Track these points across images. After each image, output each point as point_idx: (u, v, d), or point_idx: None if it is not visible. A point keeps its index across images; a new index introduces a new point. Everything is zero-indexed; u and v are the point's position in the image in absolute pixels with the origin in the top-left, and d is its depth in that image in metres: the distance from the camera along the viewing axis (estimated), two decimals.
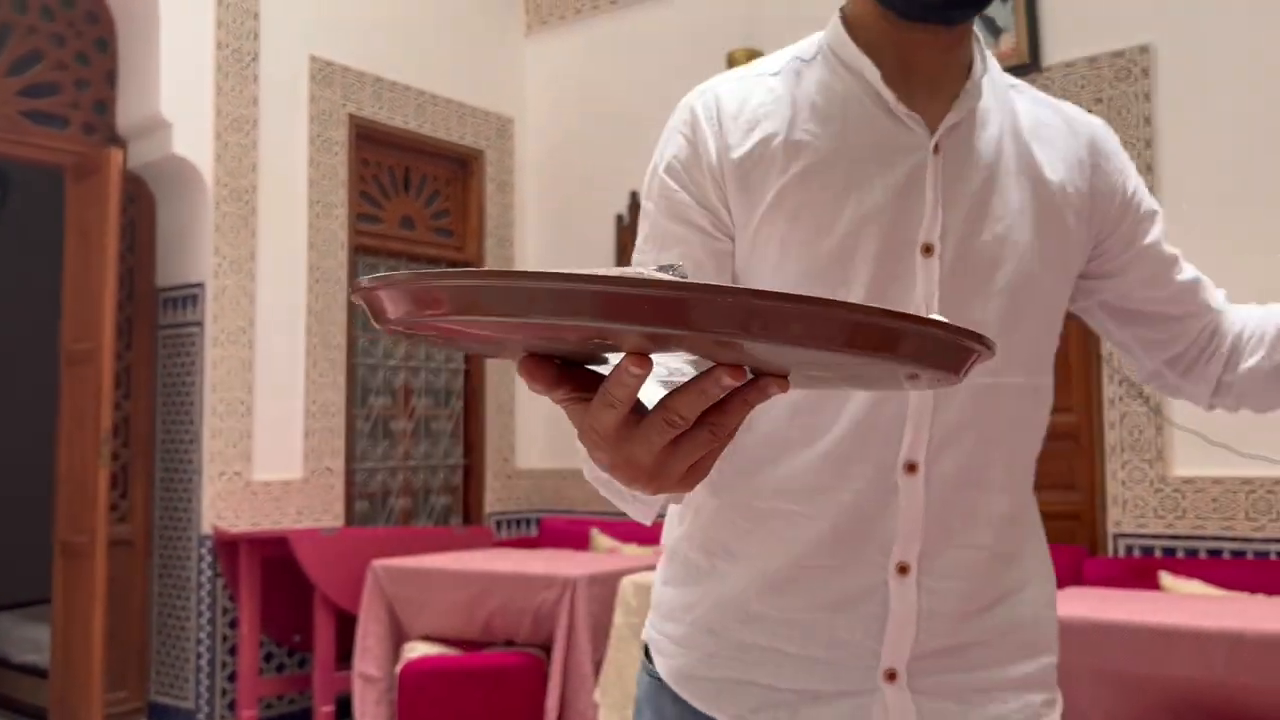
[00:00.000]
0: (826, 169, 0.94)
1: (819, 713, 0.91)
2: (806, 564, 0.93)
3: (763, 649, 0.93)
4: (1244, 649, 2.30)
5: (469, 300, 0.51)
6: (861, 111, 0.96)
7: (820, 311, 0.50)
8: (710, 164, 0.97)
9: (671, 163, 0.98)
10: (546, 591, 3.34)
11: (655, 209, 0.98)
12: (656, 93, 4.88)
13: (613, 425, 0.56)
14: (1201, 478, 3.50)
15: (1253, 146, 3.46)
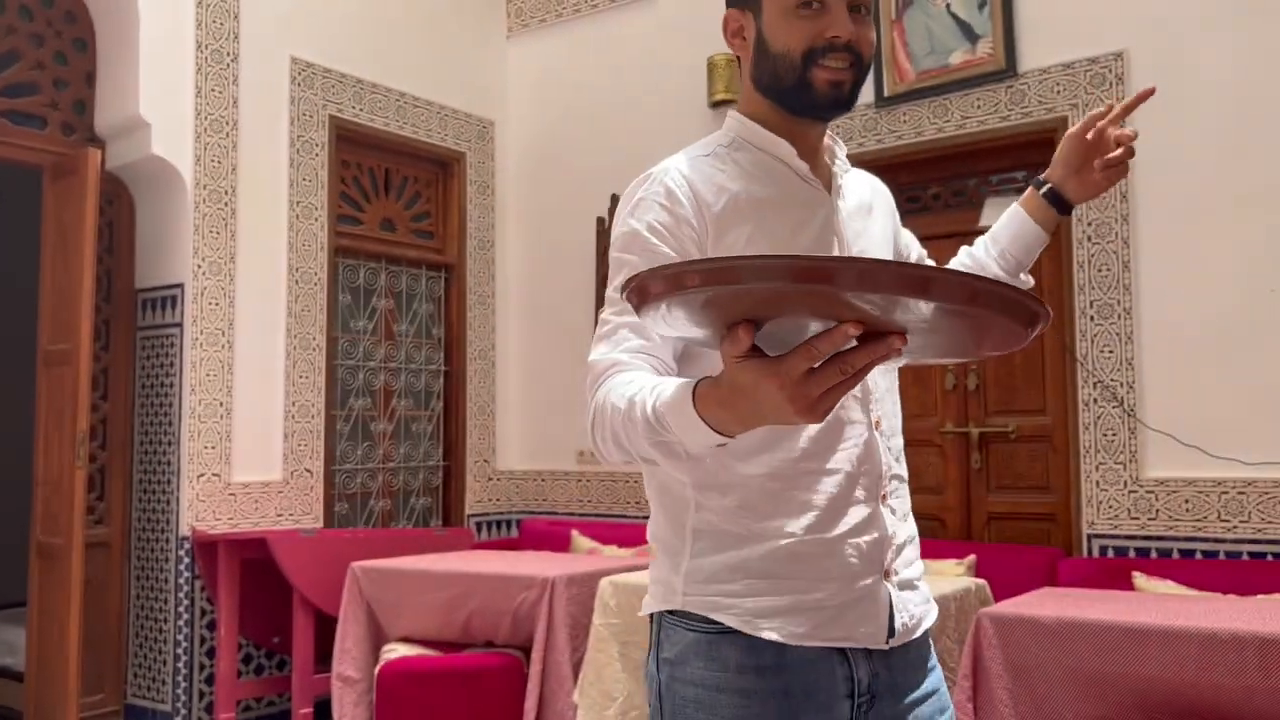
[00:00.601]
0: (776, 217, 1.27)
1: (854, 611, 1.21)
2: (830, 507, 1.21)
3: (811, 578, 1.19)
4: (1215, 648, 2.33)
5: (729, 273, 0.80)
6: (786, 177, 1.32)
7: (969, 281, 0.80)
8: (691, 224, 1.24)
9: (654, 225, 1.24)
10: (525, 592, 3.34)
11: (639, 260, 1.20)
12: (637, 96, 4.91)
13: (801, 370, 0.86)
14: (1174, 479, 3.54)
15: (1225, 152, 3.51)
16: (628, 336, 1.19)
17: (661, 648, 1.23)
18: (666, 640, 1.23)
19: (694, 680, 1.19)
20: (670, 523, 1.26)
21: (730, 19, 1.38)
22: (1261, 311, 3.40)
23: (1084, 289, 3.73)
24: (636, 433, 1.06)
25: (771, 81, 1.32)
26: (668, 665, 1.22)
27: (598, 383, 1.17)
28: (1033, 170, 4.03)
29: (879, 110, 4.20)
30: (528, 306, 5.27)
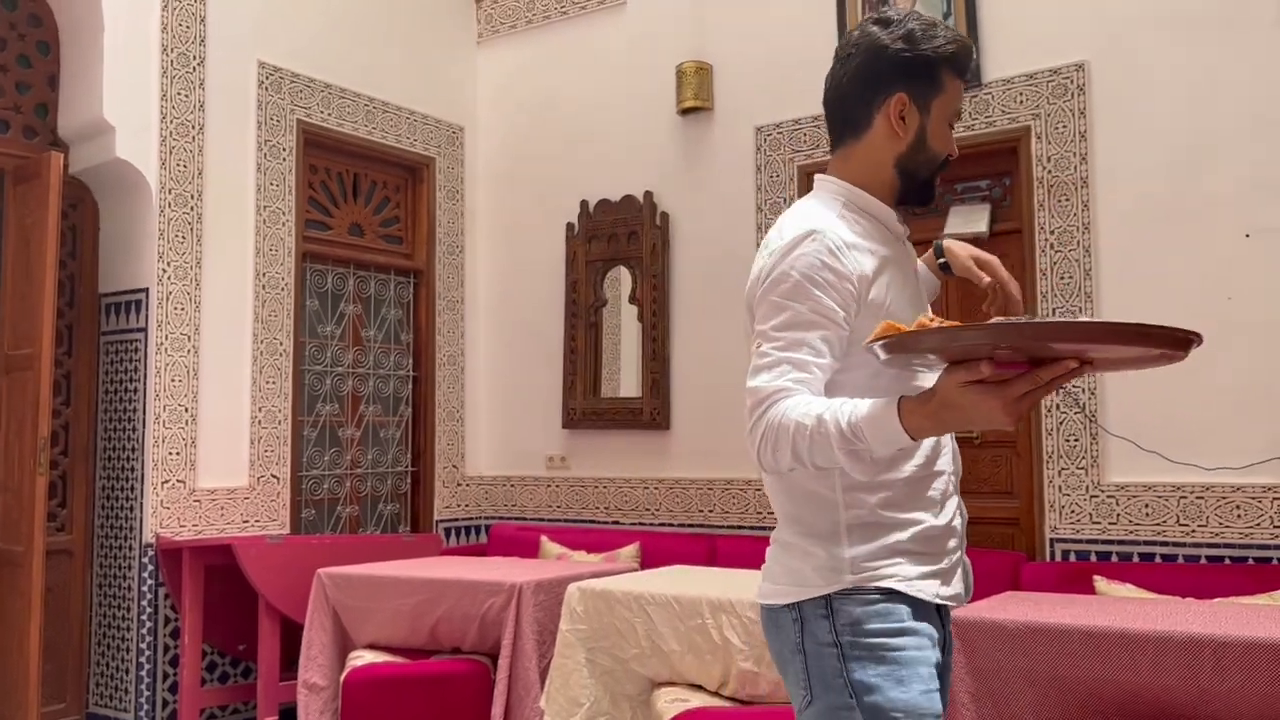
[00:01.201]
0: (895, 270, 1.54)
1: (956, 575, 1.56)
2: (942, 500, 1.56)
3: (937, 553, 1.52)
4: (1170, 652, 2.37)
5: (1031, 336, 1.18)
6: (888, 237, 1.58)
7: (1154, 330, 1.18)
8: (850, 279, 1.46)
9: (817, 279, 1.44)
10: (492, 599, 3.34)
11: (804, 308, 1.43)
12: (607, 103, 4.93)
13: (1022, 391, 1.21)
14: (1134, 484, 3.59)
15: (1184, 162, 3.57)
16: (788, 370, 1.42)
17: (837, 617, 1.47)
18: (840, 612, 1.47)
19: (876, 633, 1.46)
20: (822, 522, 1.51)
21: (899, 103, 1.54)
22: (1218, 319, 3.46)
23: (1047, 296, 3.78)
24: (827, 443, 1.33)
25: (914, 170, 1.58)
26: (848, 629, 1.47)
27: (765, 405, 1.40)
28: (996, 179, 4.08)
29: None
30: (497, 312, 5.27)
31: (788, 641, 1.51)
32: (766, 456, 1.40)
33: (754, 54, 4.52)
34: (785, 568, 1.53)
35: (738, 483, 4.44)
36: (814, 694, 1.47)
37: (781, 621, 1.52)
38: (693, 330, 4.61)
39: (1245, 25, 3.47)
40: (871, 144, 1.56)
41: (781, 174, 4.41)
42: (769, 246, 1.51)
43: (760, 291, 1.48)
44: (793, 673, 1.51)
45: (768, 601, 1.55)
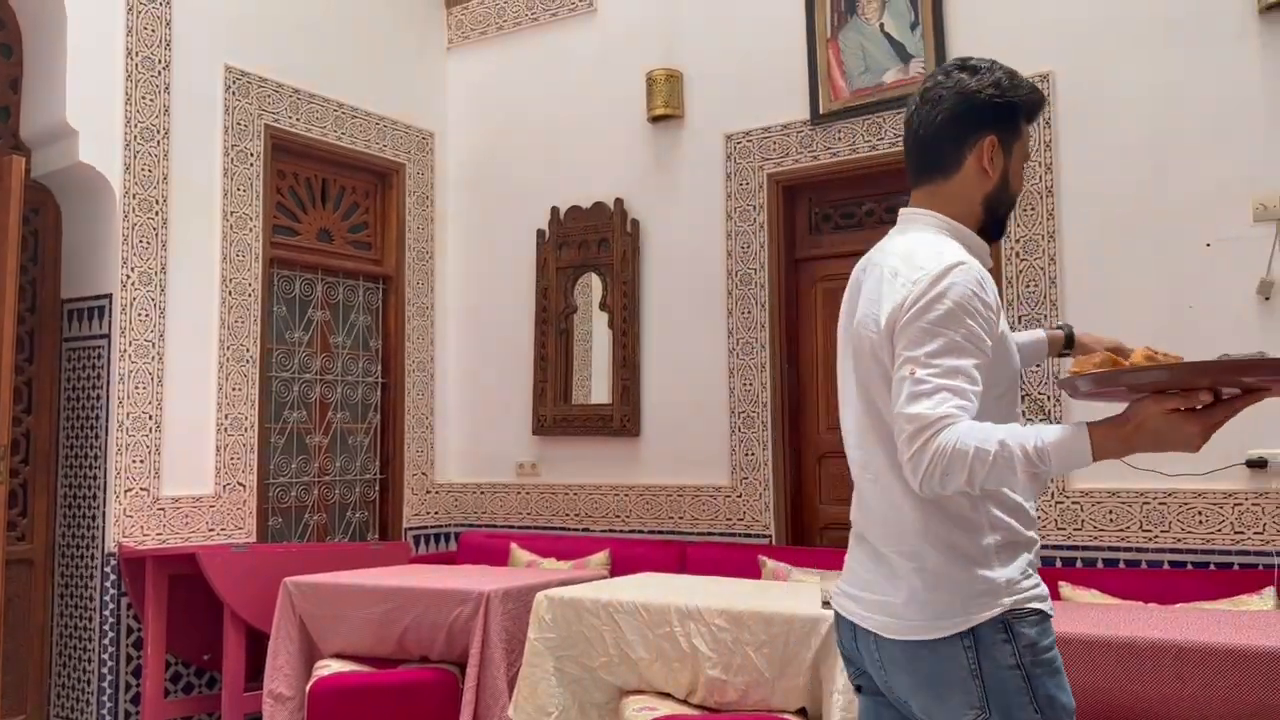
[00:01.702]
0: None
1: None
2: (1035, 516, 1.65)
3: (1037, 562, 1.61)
4: (1133, 657, 2.39)
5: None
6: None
7: None
8: (992, 309, 1.54)
9: (968, 306, 1.50)
10: (461, 607, 3.33)
11: (958, 336, 1.49)
12: (577, 110, 4.93)
13: (1222, 419, 1.37)
14: (1098, 490, 3.63)
15: (1147, 172, 3.61)
16: (949, 397, 1.45)
17: (1018, 640, 1.52)
18: (1020, 635, 1.52)
19: (1046, 649, 1.54)
20: (971, 544, 1.54)
21: (990, 145, 1.65)
22: (1179, 327, 3.51)
23: (1013, 304, 3.82)
24: (1010, 467, 1.40)
25: (996, 207, 1.68)
26: (1029, 651, 1.52)
27: (931, 431, 1.44)
28: None
29: (814, 127, 4.27)
30: (467, 318, 5.25)
31: (955, 668, 1.52)
32: (934, 480, 1.44)
33: (724, 62, 4.53)
34: (935, 598, 1.54)
35: (708, 489, 4.44)
36: (992, 712, 1.52)
37: (943, 650, 1.53)
38: (663, 337, 4.62)
39: (1209, 38, 3.52)
40: (962, 182, 1.66)
41: (751, 182, 4.42)
42: (901, 275, 1.55)
43: (906, 318, 1.51)
44: (960, 696, 1.53)
45: (925, 636, 1.53)
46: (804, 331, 4.43)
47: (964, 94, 1.64)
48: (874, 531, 1.64)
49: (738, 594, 3.11)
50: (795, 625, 2.79)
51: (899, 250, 1.61)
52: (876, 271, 1.62)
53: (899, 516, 1.58)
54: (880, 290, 1.58)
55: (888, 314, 1.55)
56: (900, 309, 1.53)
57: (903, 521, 1.58)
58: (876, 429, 1.61)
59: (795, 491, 4.37)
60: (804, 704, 2.80)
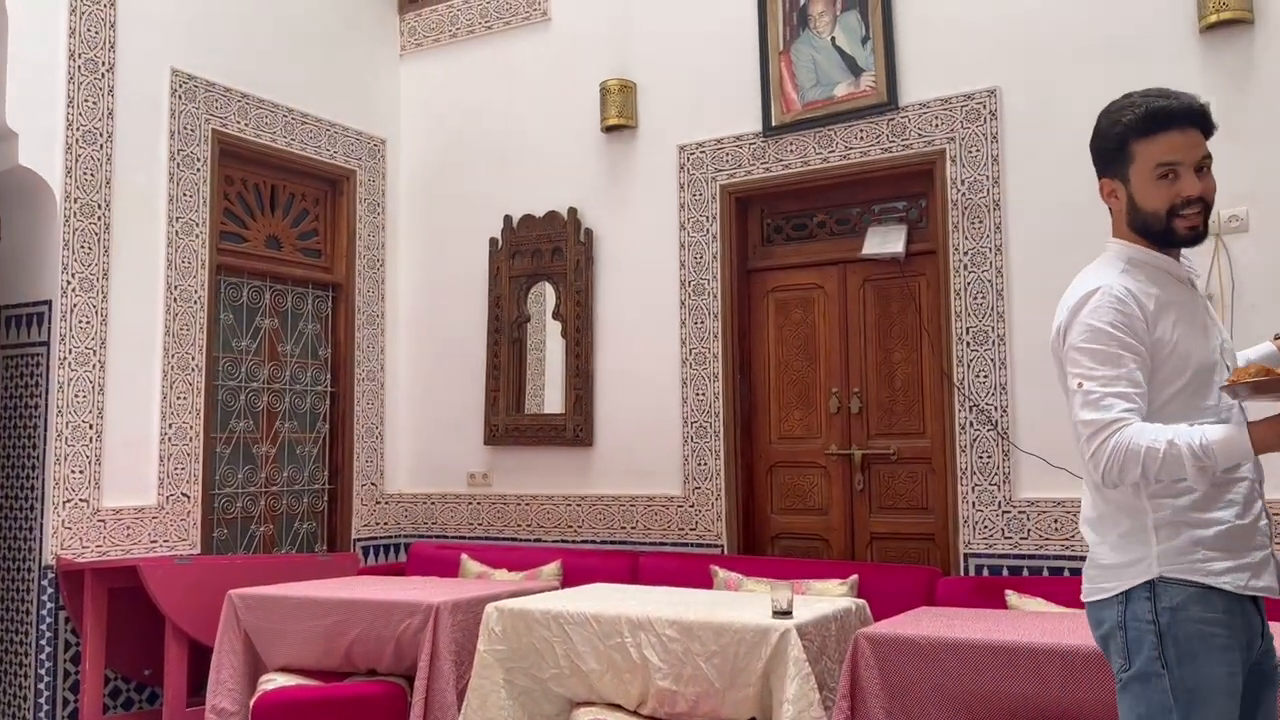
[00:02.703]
0: (1181, 311, 1.80)
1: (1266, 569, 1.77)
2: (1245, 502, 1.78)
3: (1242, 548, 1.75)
4: (1077, 665, 2.43)
5: None
6: (1172, 282, 1.83)
7: None
8: (1139, 318, 1.76)
9: (1114, 323, 1.74)
10: (409, 619, 3.29)
11: (1111, 348, 1.73)
12: (531, 118, 4.92)
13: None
14: (1044, 499, 3.68)
15: (1089, 187, 3.67)
16: (1117, 402, 1.72)
17: (1159, 599, 1.73)
18: (1162, 595, 1.73)
19: (1194, 619, 1.71)
20: (1132, 524, 1.79)
21: (1105, 185, 1.91)
22: None
23: (961, 316, 3.87)
24: (1179, 462, 1.65)
25: (1143, 229, 1.85)
26: (1168, 612, 1.72)
27: (1107, 433, 1.71)
28: (913, 200, 4.17)
29: (766, 139, 4.30)
30: (419, 327, 5.20)
31: (1111, 622, 1.80)
32: (1113, 474, 1.71)
33: (678, 74, 4.55)
34: (1105, 569, 1.82)
35: (660, 499, 4.44)
36: (1132, 663, 1.75)
37: (1106, 610, 1.81)
38: (617, 347, 4.61)
39: (1151, 56, 3.60)
40: (1115, 215, 1.92)
41: (704, 193, 4.44)
42: (1063, 303, 1.84)
43: (1065, 343, 1.80)
44: (1115, 647, 1.79)
45: (1094, 598, 1.84)
46: (756, 342, 4.45)
47: (1105, 124, 1.91)
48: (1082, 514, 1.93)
49: (689, 604, 3.11)
50: (746, 635, 2.79)
51: (1077, 277, 1.89)
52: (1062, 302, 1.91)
53: (1089, 498, 1.88)
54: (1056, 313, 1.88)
55: (1053, 337, 1.86)
56: (1059, 335, 1.84)
57: (1090, 504, 1.88)
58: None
59: (747, 501, 4.38)
60: (754, 714, 2.81)
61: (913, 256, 4.10)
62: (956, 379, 3.85)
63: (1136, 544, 1.78)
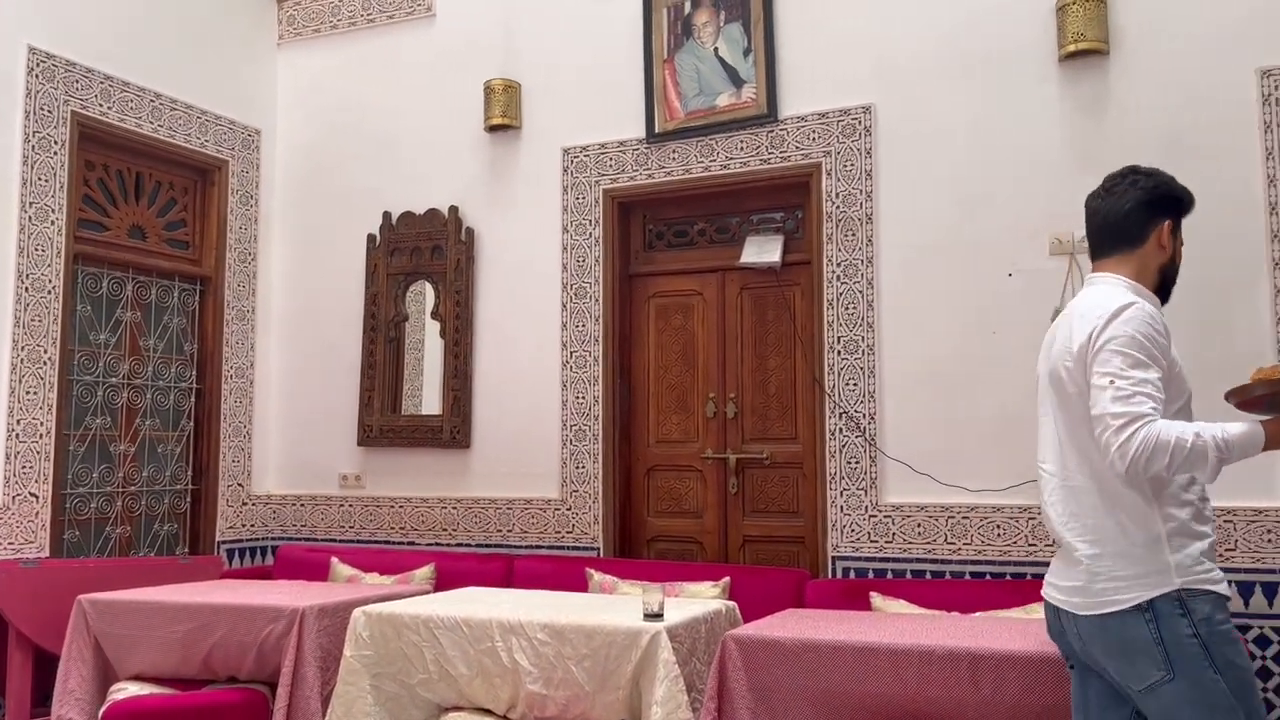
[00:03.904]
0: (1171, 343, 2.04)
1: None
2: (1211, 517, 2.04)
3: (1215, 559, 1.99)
4: (932, 664, 2.52)
5: None
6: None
7: None
8: (1164, 343, 2.00)
9: (1147, 334, 1.97)
10: (272, 624, 3.19)
11: (1141, 355, 1.94)
12: (413, 115, 4.84)
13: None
14: (908, 504, 3.81)
15: (957, 203, 3.83)
16: (1144, 400, 1.89)
17: (1194, 612, 1.91)
18: (1195, 610, 1.91)
19: (1222, 622, 1.92)
20: (1144, 534, 1.96)
21: (1167, 228, 2.14)
22: (986, 351, 3.73)
23: (833, 325, 3.97)
24: (1204, 455, 1.86)
25: (1168, 276, 2.17)
26: (1205, 623, 1.90)
27: (1138, 425, 1.87)
28: (789, 211, 4.26)
29: (650, 145, 4.33)
30: (291, 324, 5.05)
31: (1140, 636, 1.93)
32: (1140, 464, 1.87)
33: (563, 76, 4.55)
34: (1119, 580, 1.96)
35: (537, 502, 4.42)
36: (1176, 672, 1.90)
37: (1130, 621, 1.94)
38: (496, 348, 4.58)
39: (1015, 81, 3.77)
40: (1145, 254, 2.13)
41: (587, 196, 4.45)
42: (1088, 316, 2.02)
43: (1097, 345, 1.97)
44: (1146, 659, 1.92)
45: (1109, 610, 1.96)
46: (637, 346, 4.48)
47: (1147, 188, 2.14)
48: (1064, 530, 2.06)
49: (561, 607, 3.10)
50: (617, 638, 2.80)
51: (1088, 299, 2.08)
52: (1067, 320, 2.09)
53: (1087, 513, 2.02)
54: (1071, 330, 2.04)
55: (1079, 345, 2.00)
56: (1090, 340, 1.98)
57: (1090, 517, 2.01)
58: (1074, 440, 2.05)
59: (624, 504, 4.40)
60: (624, 716, 2.82)
61: (789, 266, 4.19)
62: (827, 386, 3.95)
63: (1152, 555, 1.94)
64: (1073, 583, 2.03)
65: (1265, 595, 3.32)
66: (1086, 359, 1.98)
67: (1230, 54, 3.48)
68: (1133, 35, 3.61)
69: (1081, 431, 2.02)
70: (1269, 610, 3.32)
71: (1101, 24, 3.60)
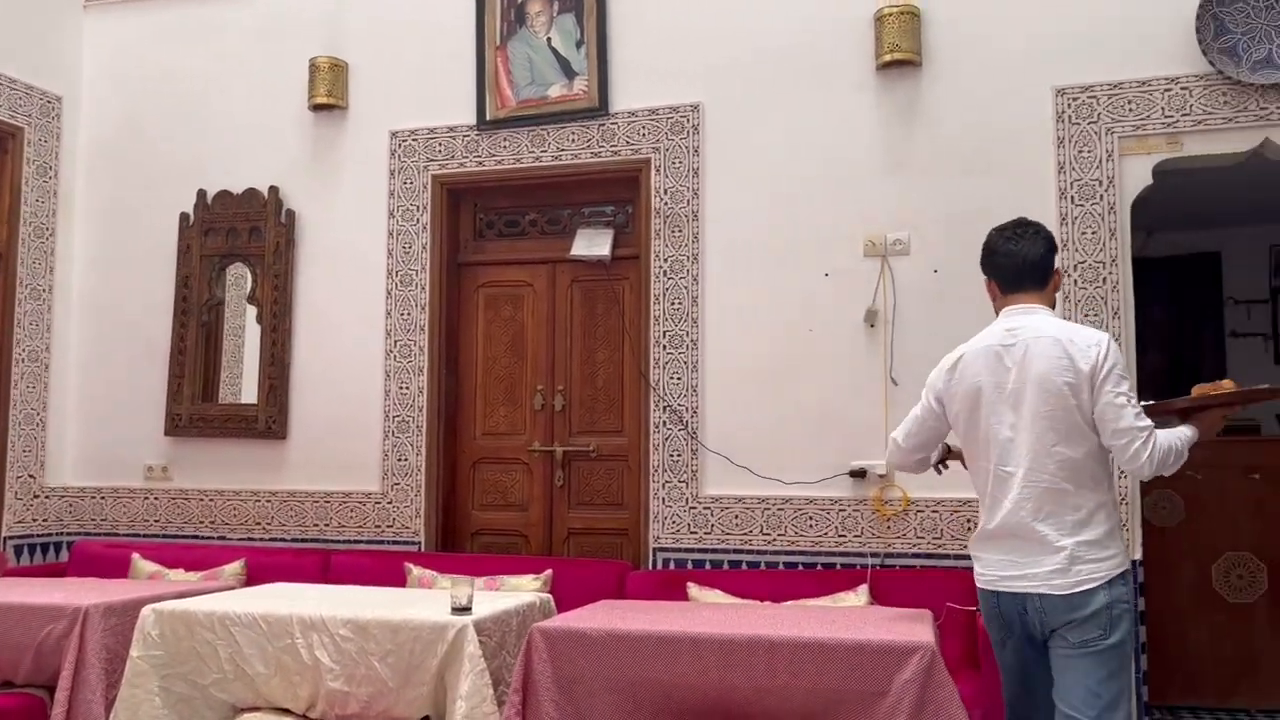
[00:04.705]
0: None
1: None
2: None
3: None
4: (733, 652, 2.56)
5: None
6: None
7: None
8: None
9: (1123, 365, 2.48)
10: (53, 624, 2.99)
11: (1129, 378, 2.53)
12: (233, 89, 4.63)
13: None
14: (727, 496, 3.88)
15: (778, 203, 3.92)
16: (1144, 415, 2.37)
17: (1127, 586, 2.38)
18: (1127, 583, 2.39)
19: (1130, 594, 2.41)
20: (1110, 525, 2.40)
21: (1060, 274, 2.85)
22: (802, 349, 3.83)
23: (659, 320, 4.00)
24: (1181, 454, 2.39)
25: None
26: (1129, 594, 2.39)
27: (1152, 434, 2.35)
28: (619, 206, 4.27)
29: (481, 133, 4.26)
30: (94, 304, 4.74)
31: (1098, 604, 2.33)
32: (1159, 464, 2.35)
33: (393, 58, 4.42)
34: (1094, 563, 2.35)
35: (357, 495, 4.30)
36: (1110, 633, 2.34)
37: (1093, 595, 2.33)
38: (317, 335, 4.42)
39: (834, 86, 3.88)
40: (1049, 292, 2.55)
41: (415, 182, 4.34)
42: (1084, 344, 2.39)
43: (1107, 368, 2.35)
44: (1098, 620, 2.33)
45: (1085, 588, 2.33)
46: (464, 337, 4.40)
47: (1051, 240, 2.57)
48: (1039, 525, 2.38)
49: (368, 603, 3.02)
50: (422, 632, 2.75)
51: (1061, 326, 2.46)
52: (1048, 341, 2.40)
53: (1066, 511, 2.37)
54: (1068, 352, 2.38)
55: (1088, 365, 2.36)
56: (1099, 363, 2.35)
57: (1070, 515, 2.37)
58: (1069, 442, 2.37)
59: (448, 497, 4.32)
60: (428, 712, 2.77)
61: (618, 260, 4.20)
62: (653, 380, 3.98)
63: (1115, 539, 2.40)
64: (1050, 568, 2.36)
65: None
66: (1095, 380, 2.35)
67: (1029, 72, 3.68)
68: (943, 49, 3.78)
69: (1075, 438, 2.37)
70: None
71: (915, 36, 3.75)
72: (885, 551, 3.70)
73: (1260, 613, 4.38)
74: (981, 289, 2.66)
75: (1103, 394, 2.34)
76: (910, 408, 2.70)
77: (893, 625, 2.69)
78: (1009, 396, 2.42)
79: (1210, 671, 4.41)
